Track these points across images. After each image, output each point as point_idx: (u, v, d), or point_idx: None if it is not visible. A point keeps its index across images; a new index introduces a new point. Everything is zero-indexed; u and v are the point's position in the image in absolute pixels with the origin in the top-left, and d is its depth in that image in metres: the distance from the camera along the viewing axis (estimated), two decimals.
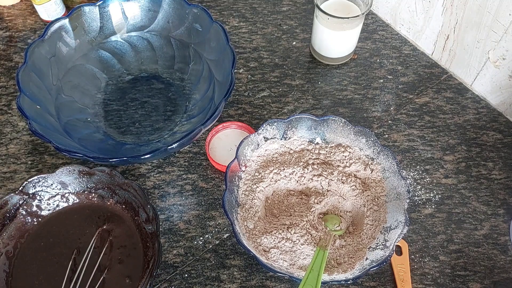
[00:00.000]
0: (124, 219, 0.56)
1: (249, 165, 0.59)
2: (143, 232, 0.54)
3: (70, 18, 0.66)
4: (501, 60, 0.66)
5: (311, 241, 0.53)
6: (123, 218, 0.56)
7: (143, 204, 0.54)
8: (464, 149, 0.66)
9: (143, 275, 0.51)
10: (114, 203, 0.57)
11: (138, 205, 0.55)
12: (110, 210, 0.57)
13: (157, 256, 0.50)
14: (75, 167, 0.55)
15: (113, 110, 0.69)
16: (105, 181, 0.56)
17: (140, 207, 0.54)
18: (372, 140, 0.58)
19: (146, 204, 0.53)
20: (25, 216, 0.55)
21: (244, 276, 0.56)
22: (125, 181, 0.55)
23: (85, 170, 0.55)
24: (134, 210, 0.55)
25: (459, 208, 0.61)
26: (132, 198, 0.55)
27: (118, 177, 0.55)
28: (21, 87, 0.58)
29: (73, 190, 0.57)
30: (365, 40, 0.79)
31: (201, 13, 0.66)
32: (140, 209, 0.54)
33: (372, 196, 0.57)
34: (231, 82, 0.58)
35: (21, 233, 0.55)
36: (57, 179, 0.55)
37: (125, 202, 0.56)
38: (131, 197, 0.55)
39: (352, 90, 0.73)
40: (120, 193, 0.56)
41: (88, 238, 0.55)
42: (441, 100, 0.71)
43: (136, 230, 0.55)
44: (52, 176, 0.55)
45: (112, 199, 0.57)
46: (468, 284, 0.55)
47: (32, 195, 0.55)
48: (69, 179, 0.56)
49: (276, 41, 0.79)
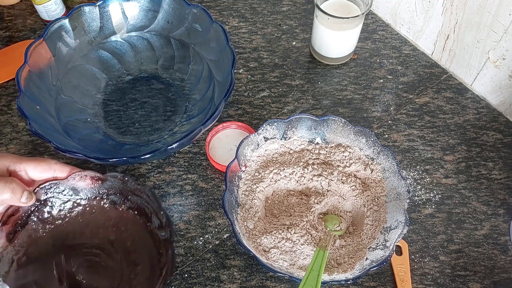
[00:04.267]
0: (137, 225, 0.55)
1: (249, 165, 0.59)
2: (155, 238, 0.53)
3: (70, 18, 0.66)
4: (501, 60, 0.66)
5: (311, 241, 0.53)
6: (135, 224, 0.55)
7: (156, 210, 0.52)
8: (464, 149, 0.66)
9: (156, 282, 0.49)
10: (126, 209, 0.55)
11: (150, 211, 0.53)
12: (122, 217, 0.55)
13: (171, 263, 0.48)
14: (87, 173, 0.53)
15: (113, 110, 0.69)
16: (117, 187, 0.54)
17: (153, 213, 0.53)
18: (372, 140, 0.58)
19: (159, 210, 0.52)
20: (37, 223, 0.54)
21: (244, 276, 0.56)
22: (138, 186, 0.53)
23: (97, 176, 0.53)
24: (147, 216, 0.54)
25: (459, 208, 0.61)
26: (145, 204, 0.54)
27: (131, 182, 0.53)
28: (21, 87, 0.58)
29: (85, 196, 0.55)
30: (365, 40, 0.79)
31: (201, 13, 0.66)
32: (153, 215, 0.53)
33: (372, 196, 0.57)
34: (231, 82, 0.58)
35: (32, 240, 0.53)
36: (69, 185, 0.54)
37: (137, 208, 0.55)
38: (143, 203, 0.54)
39: (352, 90, 0.73)
40: (132, 199, 0.54)
41: (100, 245, 0.54)
42: (441, 100, 0.71)
43: (148, 237, 0.54)
44: (64, 182, 0.53)
45: (124, 205, 0.55)
46: (468, 284, 0.55)
47: (43, 202, 0.53)
48: (81, 185, 0.54)
49: (276, 41, 0.79)
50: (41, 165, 0.50)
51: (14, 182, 0.46)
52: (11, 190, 0.46)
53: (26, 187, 0.48)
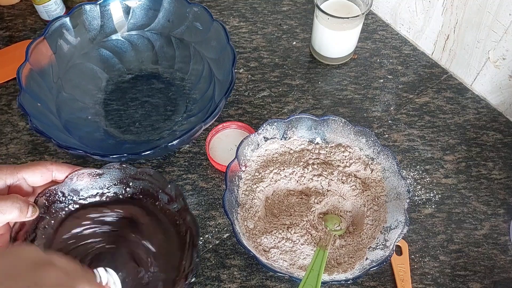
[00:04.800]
0: (144, 208, 0.53)
1: (249, 165, 0.59)
2: (168, 213, 0.52)
3: (71, 16, 0.66)
4: (501, 60, 0.66)
5: (311, 241, 0.53)
6: (143, 208, 0.53)
7: (162, 187, 0.52)
8: (464, 149, 0.66)
9: (183, 251, 0.48)
10: (129, 196, 0.54)
11: (156, 190, 0.52)
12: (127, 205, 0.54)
13: (193, 227, 0.48)
14: (83, 170, 0.52)
15: (113, 110, 0.69)
16: (116, 176, 0.53)
17: (159, 191, 0.52)
18: (372, 140, 0.58)
19: (165, 185, 0.51)
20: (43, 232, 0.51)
21: (244, 276, 0.56)
22: (138, 169, 0.52)
23: (95, 172, 0.52)
24: (153, 196, 0.53)
25: (459, 208, 0.61)
26: (149, 185, 0.53)
27: (130, 168, 0.52)
28: (22, 84, 0.58)
29: (86, 194, 0.54)
30: (365, 40, 0.79)
31: (202, 11, 0.66)
32: (160, 193, 0.52)
33: (372, 196, 0.57)
34: (231, 81, 0.58)
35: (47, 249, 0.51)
36: (67, 188, 0.52)
37: (141, 191, 0.54)
38: (147, 184, 0.53)
39: (352, 90, 0.73)
40: (134, 185, 0.53)
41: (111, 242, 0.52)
42: (441, 100, 0.71)
43: (161, 214, 0.52)
44: (62, 186, 0.51)
45: (126, 193, 0.54)
46: (468, 284, 0.55)
47: (46, 210, 0.51)
48: (79, 185, 0.53)
49: (276, 41, 0.79)
50: (39, 169, 0.49)
51: (19, 199, 0.45)
52: (19, 209, 0.45)
53: (29, 201, 0.47)
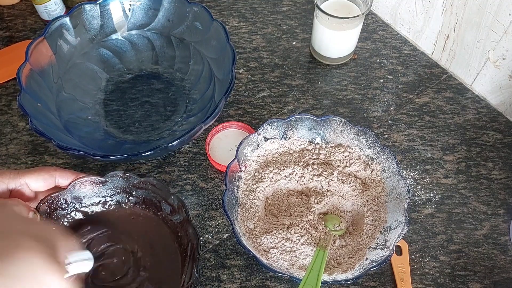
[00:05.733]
0: (147, 218, 0.54)
1: (249, 165, 0.59)
2: (170, 224, 0.52)
3: (71, 16, 0.66)
4: (501, 60, 0.66)
5: (311, 241, 0.53)
6: (145, 218, 0.54)
7: (165, 197, 0.52)
8: (464, 149, 0.66)
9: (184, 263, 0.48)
10: (132, 205, 0.54)
11: (159, 199, 0.52)
12: (129, 214, 0.54)
13: (194, 240, 0.48)
14: (87, 178, 0.52)
15: (113, 110, 0.69)
16: (120, 185, 0.53)
17: (162, 201, 0.52)
18: (372, 140, 0.58)
19: (168, 196, 0.51)
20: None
21: (244, 276, 0.56)
22: (141, 179, 0.52)
23: (98, 180, 0.52)
24: (156, 206, 0.53)
25: (459, 208, 0.61)
26: (151, 195, 0.53)
27: (133, 178, 0.52)
28: (22, 84, 0.58)
29: (88, 202, 0.54)
30: (365, 40, 0.79)
31: (202, 11, 0.66)
32: (163, 203, 0.52)
33: (372, 196, 0.57)
34: (231, 80, 0.58)
35: None
36: (70, 195, 0.52)
37: (143, 201, 0.54)
38: (149, 194, 0.53)
39: (352, 90, 0.73)
40: (137, 194, 0.54)
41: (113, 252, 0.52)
42: (441, 100, 0.71)
43: (163, 225, 0.53)
44: (64, 193, 0.51)
45: (129, 202, 0.54)
46: (468, 284, 0.55)
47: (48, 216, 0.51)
48: (82, 192, 0.53)
49: (276, 41, 0.79)
50: (42, 174, 0.49)
51: (20, 204, 0.45)
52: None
53: (30, 206, 0.47)
